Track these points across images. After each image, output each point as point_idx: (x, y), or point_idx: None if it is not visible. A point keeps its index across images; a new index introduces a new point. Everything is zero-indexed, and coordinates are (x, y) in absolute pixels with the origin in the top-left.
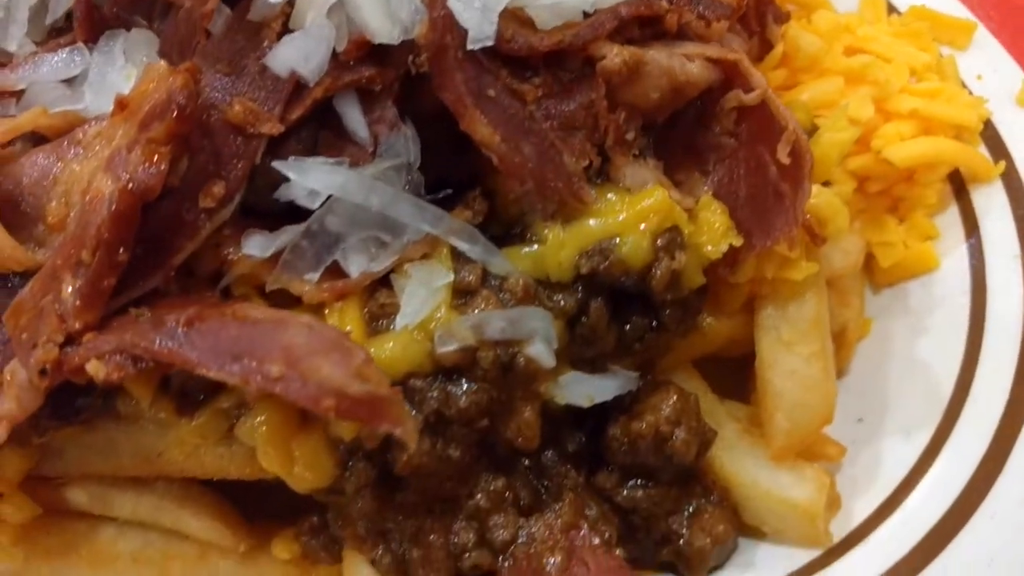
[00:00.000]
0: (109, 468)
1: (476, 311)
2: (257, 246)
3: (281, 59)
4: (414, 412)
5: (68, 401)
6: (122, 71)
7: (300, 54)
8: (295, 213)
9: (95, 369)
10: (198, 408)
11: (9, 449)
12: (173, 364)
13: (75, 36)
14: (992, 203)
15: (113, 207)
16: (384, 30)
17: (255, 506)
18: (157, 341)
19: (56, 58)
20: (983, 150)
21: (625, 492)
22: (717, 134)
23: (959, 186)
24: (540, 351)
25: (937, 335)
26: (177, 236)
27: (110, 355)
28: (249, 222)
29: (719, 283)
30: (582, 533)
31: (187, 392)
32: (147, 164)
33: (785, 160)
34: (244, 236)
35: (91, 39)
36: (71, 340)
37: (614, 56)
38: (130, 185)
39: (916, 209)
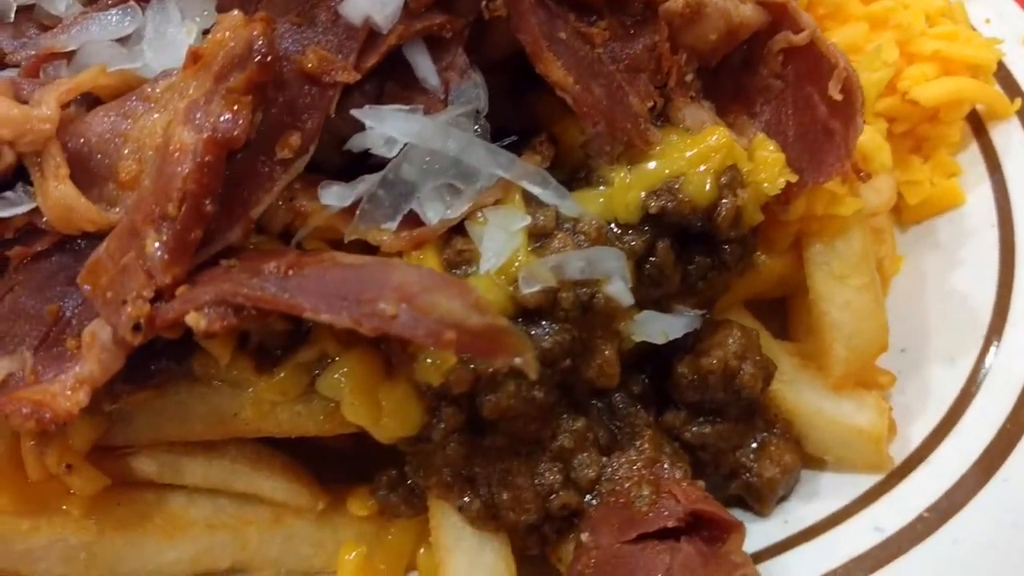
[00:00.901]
0: (180, 434)
1: (553, 253)
2: (335, 196)
3: (356, 7)
4: None
5: (144, 364)
6: (180, 27)
7: (375, 1)
8: (352, 170)
9: (195, 321)
10: (277, 364)
11: (79, 418)
12: (277, 311)
13: None
14: (1011, 139)
15: (199, 158)
16: None
17: (318, 469)
18: (259, 288)
19: (109, 17)
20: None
21: (693, 429)
22: (764, 76)
23: (977, 125)
24: (619, 289)
25: (969, 266)
26: (254, 189)
27: (209, 306)
28: (313, 177)
29: (770, 222)
30: (664, 467)
31: (265, 349)
32: (230, 114)
33: (837, 97)
34: (320, 187)
35: None
36: (160, 295)
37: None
38: (216, 135)
39: (939, 148)
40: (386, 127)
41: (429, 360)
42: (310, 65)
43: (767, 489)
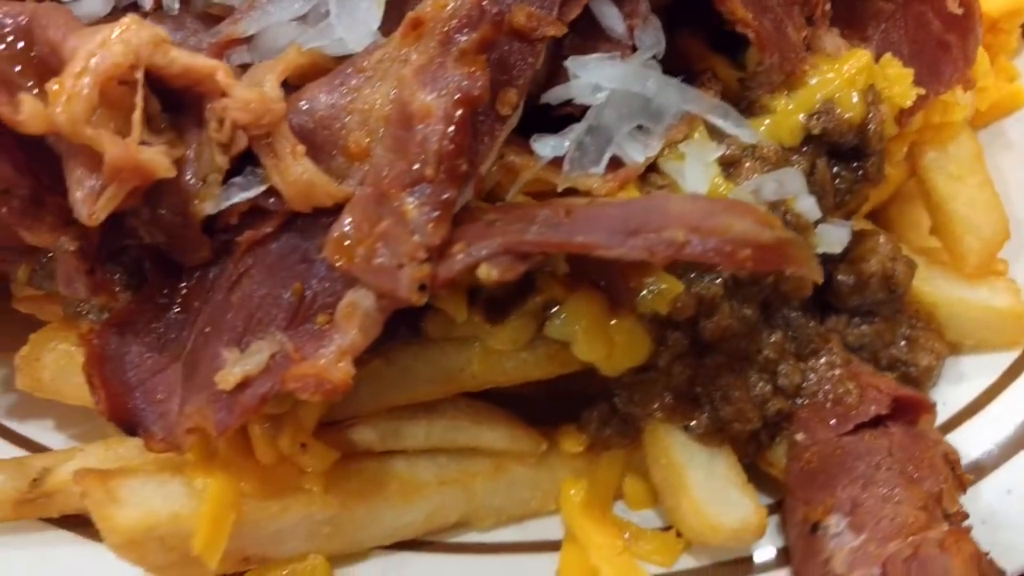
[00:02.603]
0: (404, 398)
1: (744, 178)
2: (551, 147)
3: None
4: (716, 279)
5: (384, 332)
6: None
7: None
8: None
9: (486, 273)
10: (505, 316)
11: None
12: (566, 252)
13: None
14: None
15: (450, 120)
16: None
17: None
18: (543, 234)
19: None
20: None
21: (854, 331)
22: (876, 1)
23: None
24: (809, 205)
25: None
26: (481, 147)
27: (495, 256)
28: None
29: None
30: (857, 364)
31: (494, 300)
32: (469, 74)
33: (957, 11)
34: (533, 140)
35: None
36: (431, 255)
37: None
38: (462, 95)
39: (999, 55)
40: (592, 75)
41: (654, 291)
42: (519, 21)
43: (925, 377)
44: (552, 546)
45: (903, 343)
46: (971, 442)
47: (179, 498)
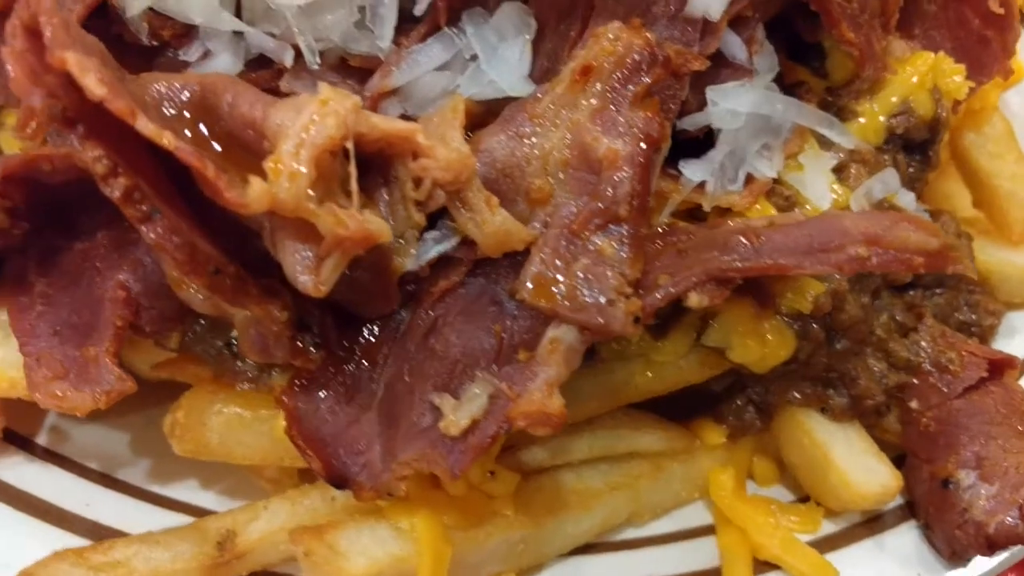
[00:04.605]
0: (575, 416)
1: (854, 182)
2: (699, 171)
3: (703, 1)
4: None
5: None
6: (513, 44)
7: None
8: None
9: (697, 300)
10: (666, 329)
11: None
12: (765, 275)
13: (433, 22)
14: None
15: (638, 162)
16: None
17: None
18: (742, 260)
19: (432, 48)
20: None
21: (928, 302)
22: (921, 3)
23: None
24: (909, 199)
25: None
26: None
27: (701, 284)
28: None
29: None
30: (951, 333)
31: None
32: (648, 117)
33: (999, 11)
34: (682, 164)
35: (451, 22)
36: (635, 286)
37: None
38: (646, 138)
39: None
40: (731, 102)
41: (798, 293)
42: (672, 59)
43: (989, 335)
44: (702, 531)
45: (966, 307)
46: None
47: (392, 541)
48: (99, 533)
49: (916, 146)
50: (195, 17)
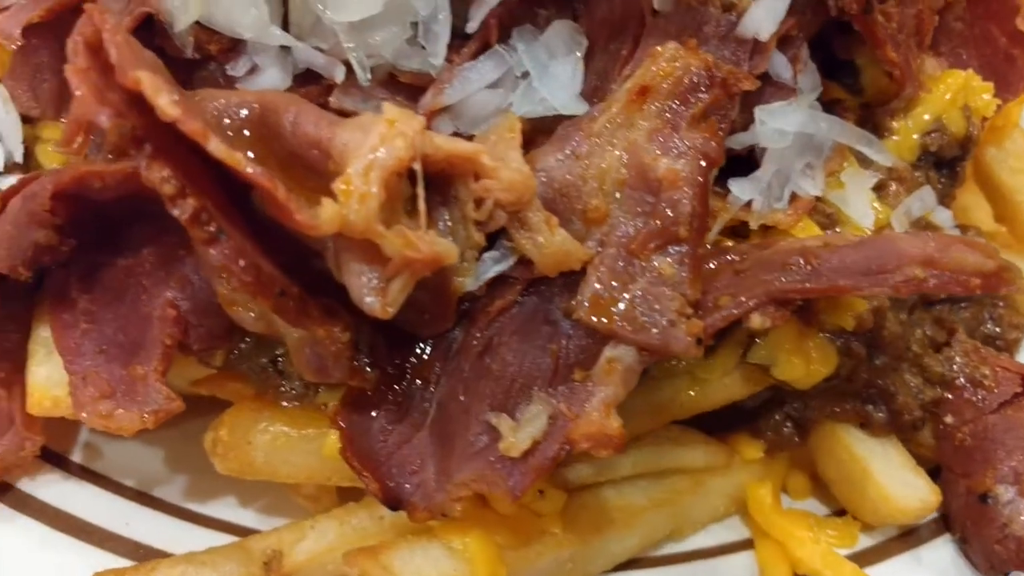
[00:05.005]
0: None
1: (893, 200)
2: (748, 189)
3: (752, 23)
4: None
5: None
6: (564, 62)
7: (769, 14)
8: None
9: (759, 322)
10: (714, 347)
11: None
12: (824, 296)
13: (484, 39)
14: None
15: (697, 182)
16: None
17: None
18: (802, 281)
19: (483, 66)
20: None
21: (956, 316)
22: (949, 21)
23: None
24: (945, 217)
25: None
26: None
27: (763, 306)
28: None
29: None
30: (983, 348)
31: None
32: (706, 137)
33: None
34: (731, 183)
35: (502, 39)
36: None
37: None
38: (705, 158)
39: None
40: (778, 121)
41: (841, 310)
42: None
43: (1014, 348)
44: (739, 546)
45: (990, 321)
46: None
47: (446, 561)
48: (140, 553)
49: (945, 163)
50: (244, 32)
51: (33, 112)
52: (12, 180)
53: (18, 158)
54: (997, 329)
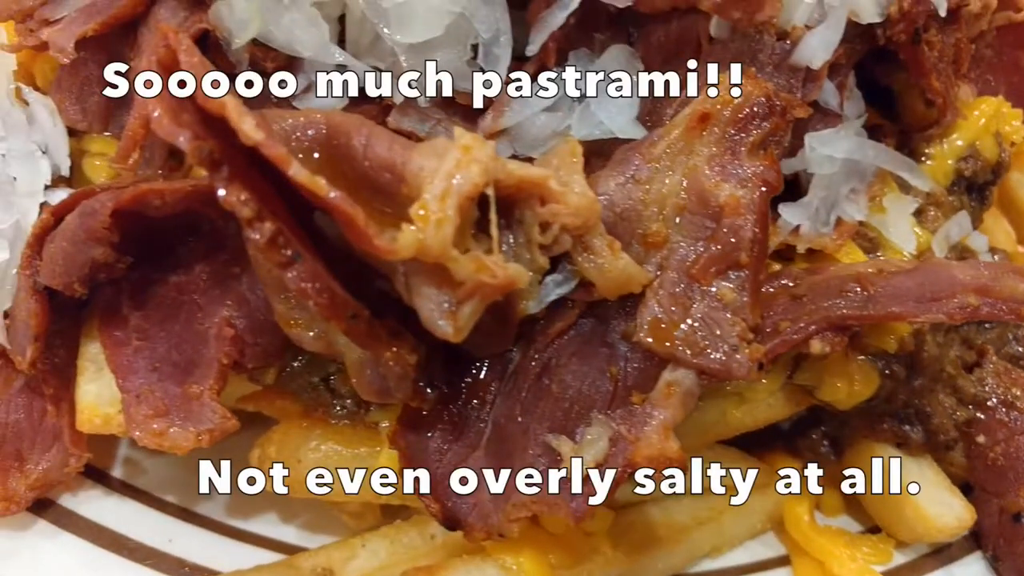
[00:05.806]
0: None
1: (932, 224)
2: (797, 214)
3: (806, 52)
4: None
5: None
6: (622, 86)
7: (823, 43)
8: None
9: (819, 347)
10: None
11: None
12: (881, 323)
13: (541, 62)
14: None
15: (757, 209)
16: (872, 11)
17: None
18: (861, 308)
19: (542, 89)
20: None
21: (982, 336)
22: (979, 48)
23: None
24: (981, 243)
25: None
26: None
27: (821, 332)
28: None
29: None
30: (1014, 369)
31: None
32: (766, 165)
33: None
34: (781, 208)
35: (559, 62)
36: (754, 332)
37: (976, 2)
38: (766, 186)
39: None
40: (828, 148)
41: (884, 333)
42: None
43: None
44: (775, 563)
45: (1013, 341)
46: None
47: None
48: (185, 570)
49: (977, 187)
50: (303, 51)
51: (80, 125)
52: (61, 194)
53: (65, 172)
54: (1020, 349)
